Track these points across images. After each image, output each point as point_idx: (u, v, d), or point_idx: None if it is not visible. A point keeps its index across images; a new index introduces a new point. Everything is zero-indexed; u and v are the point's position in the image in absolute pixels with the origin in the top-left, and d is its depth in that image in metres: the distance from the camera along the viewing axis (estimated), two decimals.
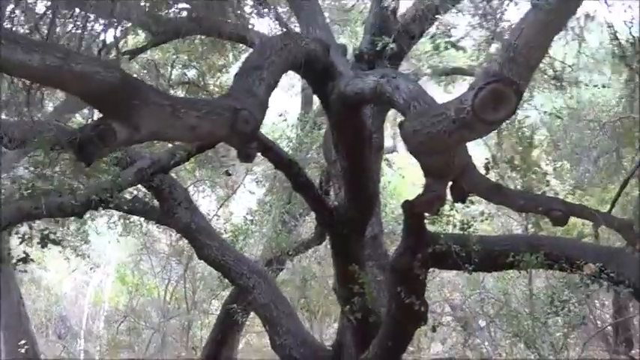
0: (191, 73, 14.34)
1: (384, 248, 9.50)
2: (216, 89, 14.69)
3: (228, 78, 16.17)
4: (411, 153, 4.90)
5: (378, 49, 8.91)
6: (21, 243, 7.80)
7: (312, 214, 15.17)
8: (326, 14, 10.48)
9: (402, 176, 14.33)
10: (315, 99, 12.53)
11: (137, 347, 20.80)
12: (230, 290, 15.04)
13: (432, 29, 9.16)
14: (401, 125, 4.83)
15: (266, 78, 5.55)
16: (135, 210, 9.67)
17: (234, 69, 16.93)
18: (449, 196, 5.21)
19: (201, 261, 18.63)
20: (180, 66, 13.70)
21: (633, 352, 13.07)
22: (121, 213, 12.09)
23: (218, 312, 17.23)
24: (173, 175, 10.08)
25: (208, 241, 9.52)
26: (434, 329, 8.43)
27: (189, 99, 4.84)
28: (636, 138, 12.91)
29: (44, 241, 7.63)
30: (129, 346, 21.29)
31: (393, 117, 12.33)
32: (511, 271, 12.63)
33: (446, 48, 8.20)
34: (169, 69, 12.95)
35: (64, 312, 28.86)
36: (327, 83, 6.64)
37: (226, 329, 14.90)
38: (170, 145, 8.95)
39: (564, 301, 8.78)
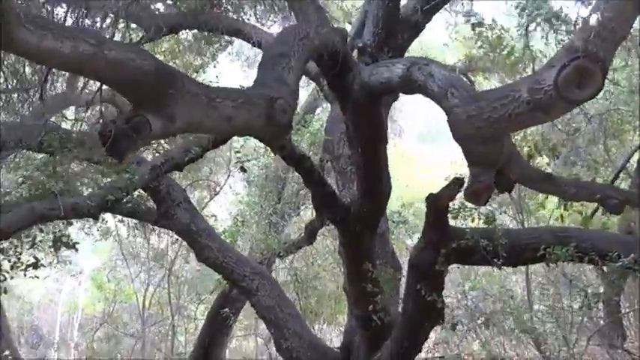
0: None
1: (390, 246, 9.25)
2: None
3: (205, 78, 15.94)
4: (458, 140, 4.65)
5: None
6: (31, 247, 7.42)
7: (301, 215, 15.08)
8: None
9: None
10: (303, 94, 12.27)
11: (119, 355, 20.25)
12: (216, 294, 14.80)
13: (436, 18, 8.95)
14: (449, 111, 4.59)
15: (294, 66, 5.30)
16: (132, 212, 9.30)
17: (211, 68, 16.74)
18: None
19: (184, 265, 18.73)
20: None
21: (629, 345, 12.95)
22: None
23: (203, 317, 16.93)
24: None
25: (209, 243, 9.20)
26: (453, 327, 8.21)
27: (224, 88, 4.51)
28: (622, 130, 12.84)
29: (57, 245, 7.27)
30: (107, 354, 20.76)
31: None
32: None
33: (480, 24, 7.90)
34: None
35: (37, 321, 28.31)
36: (344, 74, 6.38)
37: (214, 333, 14.62)
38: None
39: (597, 295, 8.60)
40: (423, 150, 29.37)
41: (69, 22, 6.95)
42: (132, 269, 20.55)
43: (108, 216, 13.16)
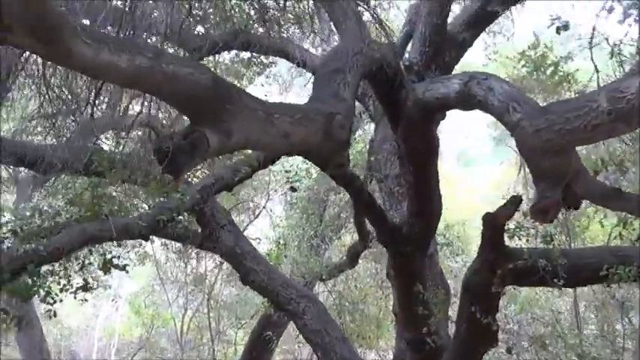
0: None
1: (439, 267, 9.05)
2: None
3: None
4: (524, 155, 4.49)
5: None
6: (81, 269, 7.32)
7: (342, 238, 14.91)
8: None
9: None
10: None
11: None
12: (256, 319, 14.66)
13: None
14: (514, 125, 4.43)
15: (350, 82, 5.17)
16: (177, 235, 9.16)
17: (249, 88, 16.68)
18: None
19: (224, 289, 18.62)
20: None
21: None
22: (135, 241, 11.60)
23: (242, 342, 16.78)
24: None
25: (254, 266, 9.05)
26: (509, 350, 7.99)
27: (281, 104, 4.40)
28: None
29: (107, 266, 7.16)
30: None
31: None
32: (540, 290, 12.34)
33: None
34: None
35: (74, 346, 28.33)
36: (397, 91, 6.23)
37: (256, 357, 14.44)
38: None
39: None
40: (461, 172, 29.19)
41: None
42: (170, 294, 20.46)
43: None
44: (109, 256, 7.25)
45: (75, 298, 7.32)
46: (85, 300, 7.60)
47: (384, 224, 7.45)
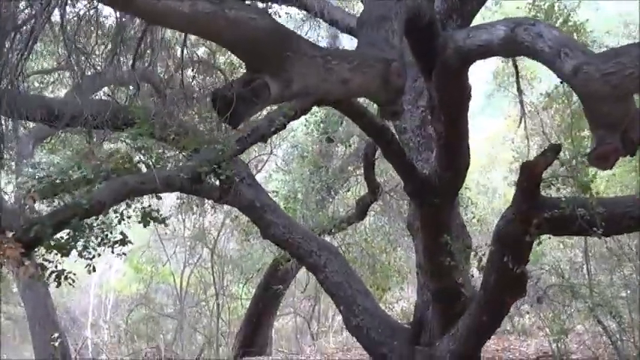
0: (201, 52, 13.86)
1: (461, 219, 9.02)
2: (228, 68, 14.22)
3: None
4: (586, 100, 4.41)
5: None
6: (120, 222, 7.21)
7: (348, 190, 14.86)
8: None
9: None
10: None
11: (161, 336, 20.13)
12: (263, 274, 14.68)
13: None
14: (575, 71, 4.34)
15: (397, 29, 5.06)
16: (194, 189, 9.01)
17: None
18: None
19: (227, 245, 18.59)
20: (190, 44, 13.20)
21: None
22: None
23: (246, 296, 16.82)
24: None
25: (274, 219, 8.94)
26: (540, 300, 7.98)
27: (337, 49, 4.34)
28: None
29: (145, 219, 7.06)
30: (147, 336, 20.61)
31: None
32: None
33: None
34: (178, 48, 12.23)
35: (69, 303, 28.23)
36: (430, 39, 6.13)
37: (262, 311, 14.53)
38: None
39: None
40: None
41: None
42: (168, 249, 20.38)
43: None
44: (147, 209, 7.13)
45: (112, 252, 7.22)
46: (124, 254, 7.51)
47: (414, 175, 7.38)
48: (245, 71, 4.05)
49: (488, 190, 21.30)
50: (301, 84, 4.06)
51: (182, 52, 12.95)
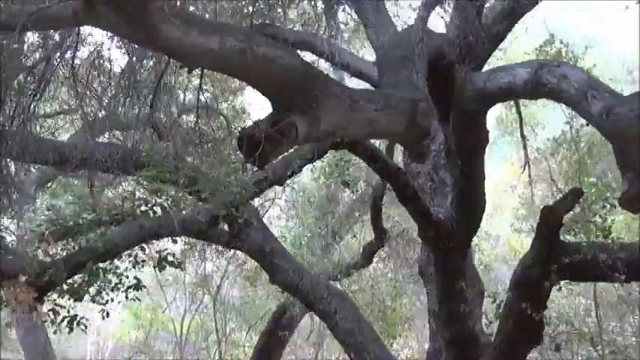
0: (203, 97, 13.81)
1: (474, 264, 8.88)
2: (230, 113, 14.19)
3: (242, 100, 15.66)
4: (617, 142, 4.33)
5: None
6: (134, 266, 7.06)
7: (353, 236, 14.72)
8: None
9: None
10: None
11: None
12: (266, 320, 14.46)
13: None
14: (608, 111, 4.27)
15: (420, 69, 5.01)
16: (204, 234, 8.86)
17: (248, 91, 16.44)
18: None
19: (231, 292, 18.35)
20: (193, 89, 13.18)
21: None
22: None
23: (249, 344, 16.56)
24: None
25: (284, 265, 8.79)
26: (557, 348, 7.81)
27: (365, 90, 4.29)
28: None
29: (161, 264, 6.91)
30: None
31: None
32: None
33: None
34: (181, 93, 12.17)
35: (65, 350, 27.84)
36: (451, 81, 6.08)
37: (266, 358, 14.26)
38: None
39: None
40: None
41: None
42: (169, 296, 20.15)
43: None
44: (164, 254, 6.99)
45: (127, 298, 7.07)
46: (138, 299, 7.36)
47: (428, 219, 7.27)
48: (271, 111, 3.96)
49: (491, 236, 21.18)
50: (328, 124, 3.99)
51: (184, 96, 12.95)
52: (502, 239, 21.06)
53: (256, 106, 15.45)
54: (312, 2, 10.77)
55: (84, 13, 3.44)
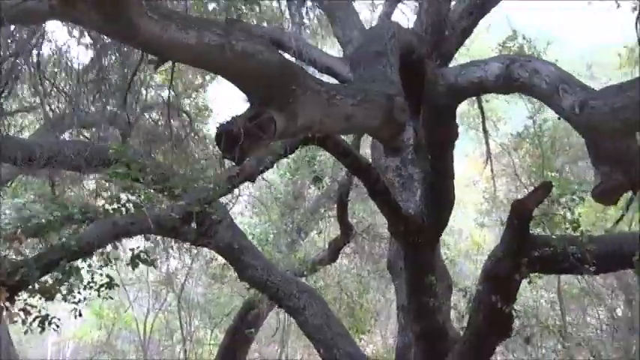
0: (165, 94, 13.72)
1: (442, 259, 8.94)
2: (193, 110, 14.13)
3: (204, 98, 15.57)
4: (590, 136, 4.38)
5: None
6: (106, 265, 6.96)
7: (320, 232, 14.74)
8: None
9: None
10: None
11: None
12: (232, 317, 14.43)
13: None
14: (582, 105, 4.31)
15: (394, 64, 5.02)
16: (172, 230, 8.76)
17: (211, 88, 16.36)
18: None
19: (195, 290, 18.26)
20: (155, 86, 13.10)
21: None
22: None
23: (214, 341, 16.49)
24: None
25: (252, 261, 8.76)
26: (527, 340, 7.89)
27: (341, 85, 4.29)
28: None
29: (135, 262, 6.82)
30: None
31: None
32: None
33: None
34: (144, 90, 12.07)
35: (26, 351, 27.46)
36: (420, 76, 6.10)
37: (232, 356, 14.22)
38: None
39: None
40: None
41: None
42: (131, 294, 19.96)
43: None
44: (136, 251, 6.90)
45: (99, 295, 6.99)
46: (110, 297, 7.28)
47: (398, 215, 7.29)
48: (248, 106, 3.94)
49: (454, 231, 21.35)
50: (306, 119, 3.98)
51: (145, 93, 12.83)
52: (464, 234, 21.25)
53: (218, 103, 15.40)
54: None
55: (61, 8, 3.39)
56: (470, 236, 20.07)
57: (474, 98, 11.40)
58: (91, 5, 3.37)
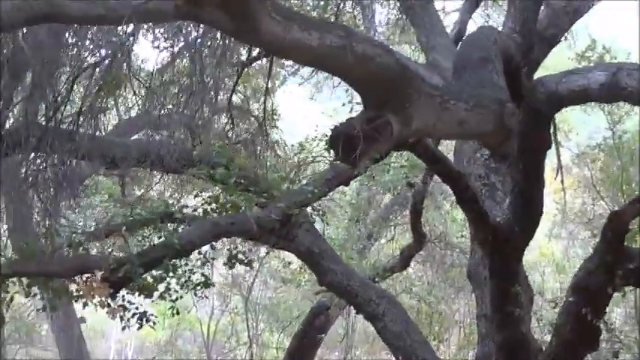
0: (235, 98, 13.82)
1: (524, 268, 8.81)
2: (261, 114, 14.17)
3: (273, 102, 15.65)
4: None
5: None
6: (203, 264, 7.05)
7: (392, 239, 14.70)
8: None
9: None
10: None
11: None
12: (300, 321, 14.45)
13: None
14: None
15: (499, 70, 4.98)
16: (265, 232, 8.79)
17: (279, 92, 16.46)
18: None
19: (261, 293, 18.35)
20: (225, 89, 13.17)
21: None
22: None
23: (281, 345, 16.53)
24: None
25: (332, 266, 8.72)
26: (616, 355, 7.73)
27: (454, 90, 4.27)
28: None
29: (231, 262, 6.90)
30: None
31: None
32: None
33: None
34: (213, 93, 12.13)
35: (90, 347, 27.85)
36: (517, 84, 6.02)
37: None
38: None
39: None
40: None
41: None
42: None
43: None
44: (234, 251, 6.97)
45: (195, 295, 7.08)
46: (206, 297, 7.37)
47: (486, 223, 7.19)
48: (364, 109, 3.94)
49: None
50: (420, 123, 3.98)
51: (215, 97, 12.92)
52: (531, 244, 20.97)
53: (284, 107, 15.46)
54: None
55: (188, 8, 3.44)
56: (538, 247, 19.79)
57: None
58: (218, 5, 3.40)
